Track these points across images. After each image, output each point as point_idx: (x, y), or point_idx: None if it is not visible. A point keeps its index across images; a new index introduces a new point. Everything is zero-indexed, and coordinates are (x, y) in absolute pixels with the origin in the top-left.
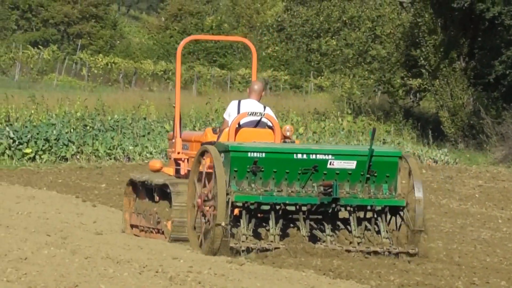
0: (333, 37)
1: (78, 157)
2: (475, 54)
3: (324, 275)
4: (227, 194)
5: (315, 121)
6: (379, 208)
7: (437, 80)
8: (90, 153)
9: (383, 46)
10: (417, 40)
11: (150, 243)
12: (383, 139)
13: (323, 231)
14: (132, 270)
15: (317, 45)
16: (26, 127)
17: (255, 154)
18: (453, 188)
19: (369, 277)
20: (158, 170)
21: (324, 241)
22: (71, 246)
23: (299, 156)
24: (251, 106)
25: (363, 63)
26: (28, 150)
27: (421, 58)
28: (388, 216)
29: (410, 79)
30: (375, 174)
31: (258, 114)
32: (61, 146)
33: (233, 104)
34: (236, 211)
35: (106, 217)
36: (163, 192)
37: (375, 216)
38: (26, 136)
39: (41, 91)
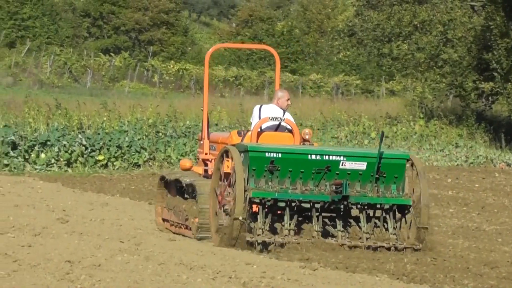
0: (405, 41)
1: (150, 163)
2: None
3: (398, 280)
4: (245, 190)
5: (387, 125)
6: (388, 206)
7: (510, 83)
8: (163, 159)
9: (454, 50)
10: (489, 43)
11: (223, 249)
12: (456, 143)
13: (335, 227)
14: (205, 276)
15: (388, 50)
16: (99, 134)
17: (272, 155)
18: None
19: (443, 281)
20: (188, 169)
21: (335, 236)
22: (145, 252)
23: (313, 157)
24: (271, 111)
25: (434, 67)
26: (100, 157)
27: (493, 62)
28: (398, 215)
29: (482, 82)
30: (384, 175)
31: (278, 119)
32: (133, 153)
33: (256, 109)
34: (255, 207)
35: None
36: (191, 191)
37: (384, 214)
38: (98, 143)
39: (113, 98)
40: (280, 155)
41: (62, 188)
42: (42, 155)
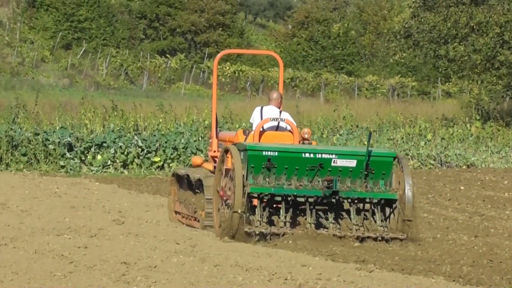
0: (461, 43)
1: None
2: None
3: (454, 282)
4: (244, 186)
5: (443, 127)
6: (376, 200)
7: None
8: None
9: (511, 52)
10: None
11: (279, 251)
12: None
13: (327, 219)
14: (261, 278)
15: (444, 51)
16: (155, 135)
17: (269, 153)
18: None
19: (499, 284)
20: (199, 166)
21: (327, 228)
22: (200, 254)
23: (307, 155)
24: (271, 112)
25: (491, 69)
26: (156, 159)
27: None
28: (386, 208)
29: None
30: (373, 172)
31: (279, 119)
32: (189, 155)
33: (257, 110)
34: (255, 201)
35: None
36: (199, 185)
37: (373, 207)
38: (154, 145)
39: (169, 99)
40: (276, 153)
41: (118, 189)
42: (98, 157)
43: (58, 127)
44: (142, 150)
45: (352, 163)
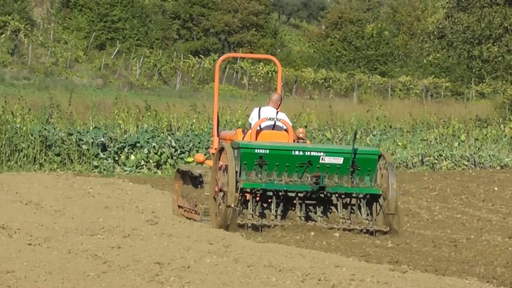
0: (495, 44)
1: None
2: None
3: (488, 283)
4: (237, 182)
5: (477, 128)
6: (361, 195)
7: None
8: None
9: None
10: None
11: (312, 251)
12: None
13: (316, 213)
14: (294, 278)
15: (478, 52)
16: (188, 136)
17: (261, 151)
18: None
19: None
20: (201, 163)
21: (315, 221)
22: (234, 254)
23: (297, 152)
24: (268, 112)
25: None
26: (190, 159)
27: None
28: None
29: None
30: (359, 168)
31: (275, 119)
32: None
33: (255, 110)
34: (248, 196)
35: None
36: (199, 181)
37: (359, 202)
38: (188, 145)
39: (202, 100)
40: (268, 151)
41: (152, 190)
42: (132, 157)
43: (92, 127)
44: (176, 150)
45: (339, 160)
